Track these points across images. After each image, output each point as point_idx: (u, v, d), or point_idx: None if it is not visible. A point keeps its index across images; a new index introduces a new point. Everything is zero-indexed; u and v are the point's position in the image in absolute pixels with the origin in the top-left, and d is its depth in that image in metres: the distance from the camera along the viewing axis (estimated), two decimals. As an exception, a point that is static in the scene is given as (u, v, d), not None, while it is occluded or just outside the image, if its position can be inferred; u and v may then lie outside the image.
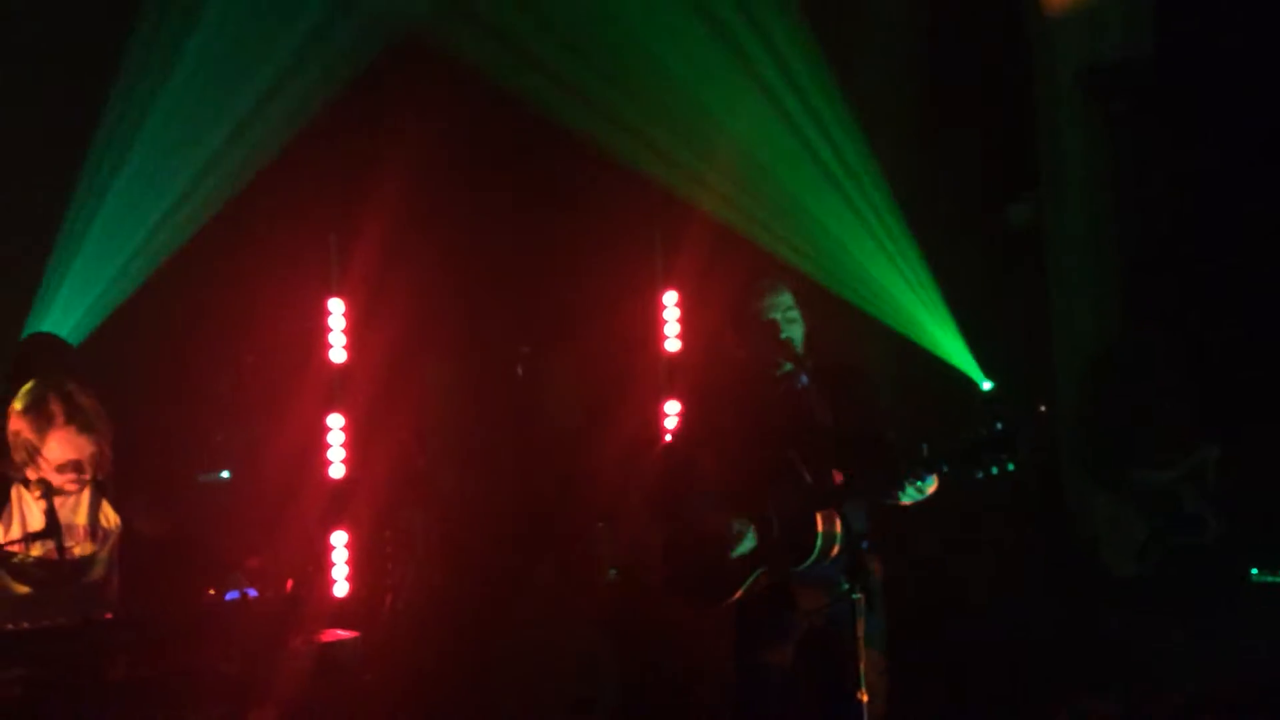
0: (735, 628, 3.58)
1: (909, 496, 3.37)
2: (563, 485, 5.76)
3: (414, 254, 5.61)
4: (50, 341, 4.71)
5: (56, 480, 3.47)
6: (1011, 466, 3.14)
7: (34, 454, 3.46)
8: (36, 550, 3.45)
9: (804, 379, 3.49)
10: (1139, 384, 4.10)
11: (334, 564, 5.27)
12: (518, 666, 5.00)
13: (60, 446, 3.46)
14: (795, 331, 3.56)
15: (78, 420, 3.47)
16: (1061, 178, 5.79)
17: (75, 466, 3.48)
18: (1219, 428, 4.34)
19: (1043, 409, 5.56)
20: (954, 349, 5.06)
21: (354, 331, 5.49)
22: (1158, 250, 5.14)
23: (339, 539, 5.30)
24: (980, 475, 3.18)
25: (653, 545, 3.71)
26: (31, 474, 3.47)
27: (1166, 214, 5.28)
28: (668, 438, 4.09)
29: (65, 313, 4.93)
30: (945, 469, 3.26)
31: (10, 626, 3.01)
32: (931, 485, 3.32)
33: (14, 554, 3.43)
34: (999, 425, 3.14)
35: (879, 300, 5.10)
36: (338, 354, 5.45)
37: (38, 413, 3.46)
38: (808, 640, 3.51)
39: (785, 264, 3.67)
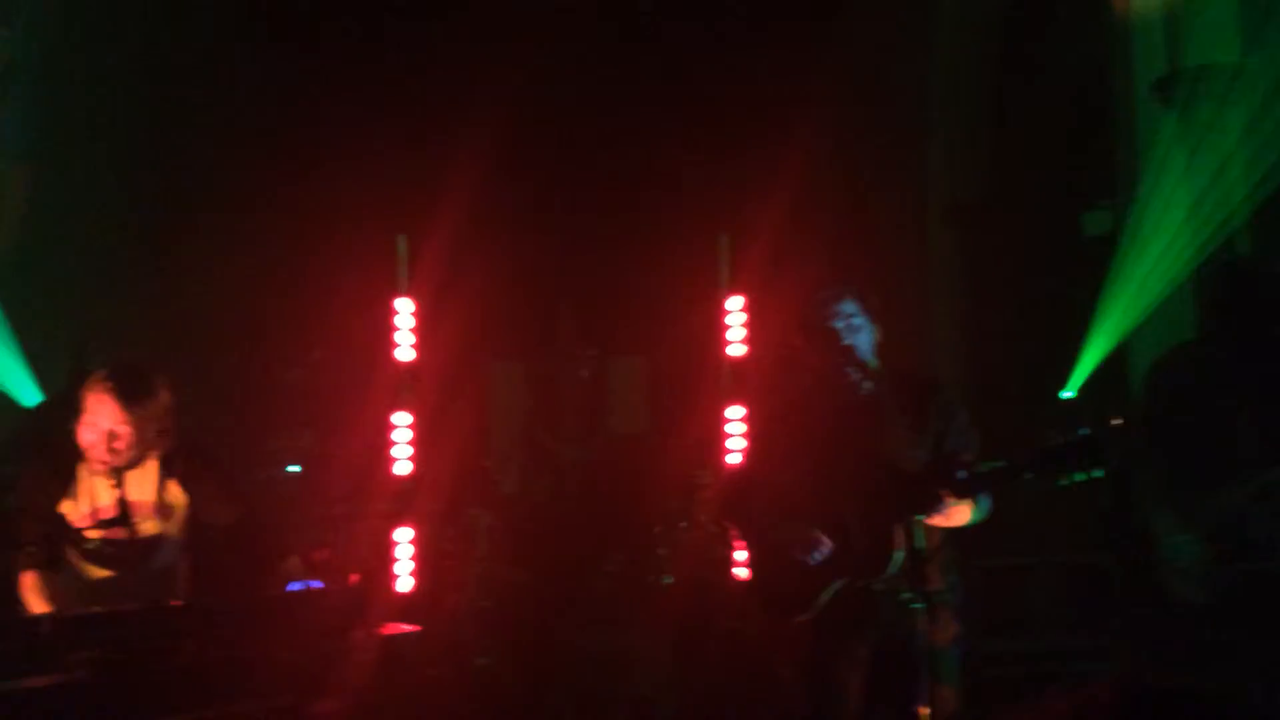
0: (808, 640, 3.52)
1: (976, 515, 3.32)
2: (625, 488, 5.76)
3: (481, 256, 5.66)
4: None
5: (90, 446, 3.48)
6: (1099, 473, 3.05)
7: (79, 408, 3.50)
8: (106, 525, 3.52)
9: (869, 385, 3.44)
10: (1204, 396, 3.90)
11: (398, 559, 5.32)
12: (578, 667, 5.00)
13: (96, 407, 3.47)
14: (861, 339, 3.51)
15: (122, 396, 3.48)
16: (1138, 185, 5.67)
17: (111, 436, 3.47)
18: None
19: (1116, 421, 5.43)
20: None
21: (421, 331, 5.55)
22: (1233, 259, 5.00)
23: (403, 535, 5.36)
24: (1065, 483, 3.10)
25: (718, 552, 3.68)
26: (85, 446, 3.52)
27: (1243, 223, 5.14)
28: (740, 446, 4.03)
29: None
30: (1030, 477, 3.18)
31: (81, 611, 3.08)
32: (975, 508, 3.28)
33: (86, 536, 3.50)
34: (1084, 430, 3.06)
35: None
36: (405, 353, 5.51)
37: (91, 379, 3.53)
38: (882, 656, 3.46)
39: (852, 269, 3.62)
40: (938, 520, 3.29)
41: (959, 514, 3.29)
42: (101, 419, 3.49)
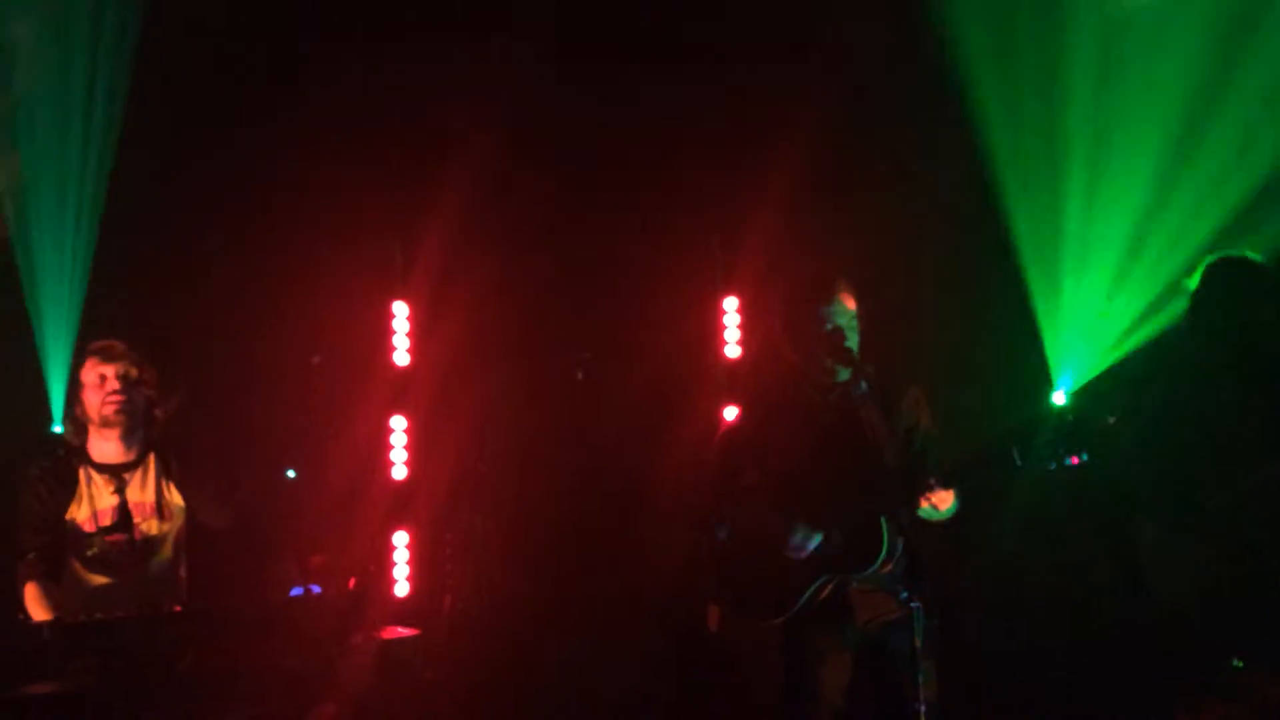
0: (787, 641, 3.53)
1: (948, 512, 3.36)
2: (621, 491, 5.77)
3: (477, 259, 5.66)
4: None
5: (95, 403, 3.60)
6: (1085, 456, 3.10)
7: (79, 393, 3.64)
8: (107, 526, 3.55)
9: (864, 385, 3.47)
10: (1195, 393, 3.89)
11: (395, 564, 5.33)
12: (575, 669, 5.02)
13: (105, 360, 3.66)
14: (854, 341, 3.54)
15: (128, 344, 3.70)
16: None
17: (125, 379, 3.65)
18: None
19: (1112, 420, 5.44)
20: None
21: (417, 335, 5.55)
22: (1226, 254, 5.01)
23: (400, 539, 5.37)
24: (1053, 466, 3.15)
25: (708, 553, 3.70)
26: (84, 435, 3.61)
27: (1234, 219, 5.14)
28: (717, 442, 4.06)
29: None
30: (1018, 460, 3.21)
31: (83, 618, 3.10)
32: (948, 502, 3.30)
33: (88, 539, 3.52)
34: (1068, 415, 3.12)
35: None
36: (401, 357, 5.52)
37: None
38: (864, 650, 3.48)
39: (845, 270, 3.63)
40: (924, 508, 3.33)
41: (944, 501, 3.33)
42: (111, 368, 3.64)
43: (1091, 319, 4.93)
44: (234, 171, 5.43)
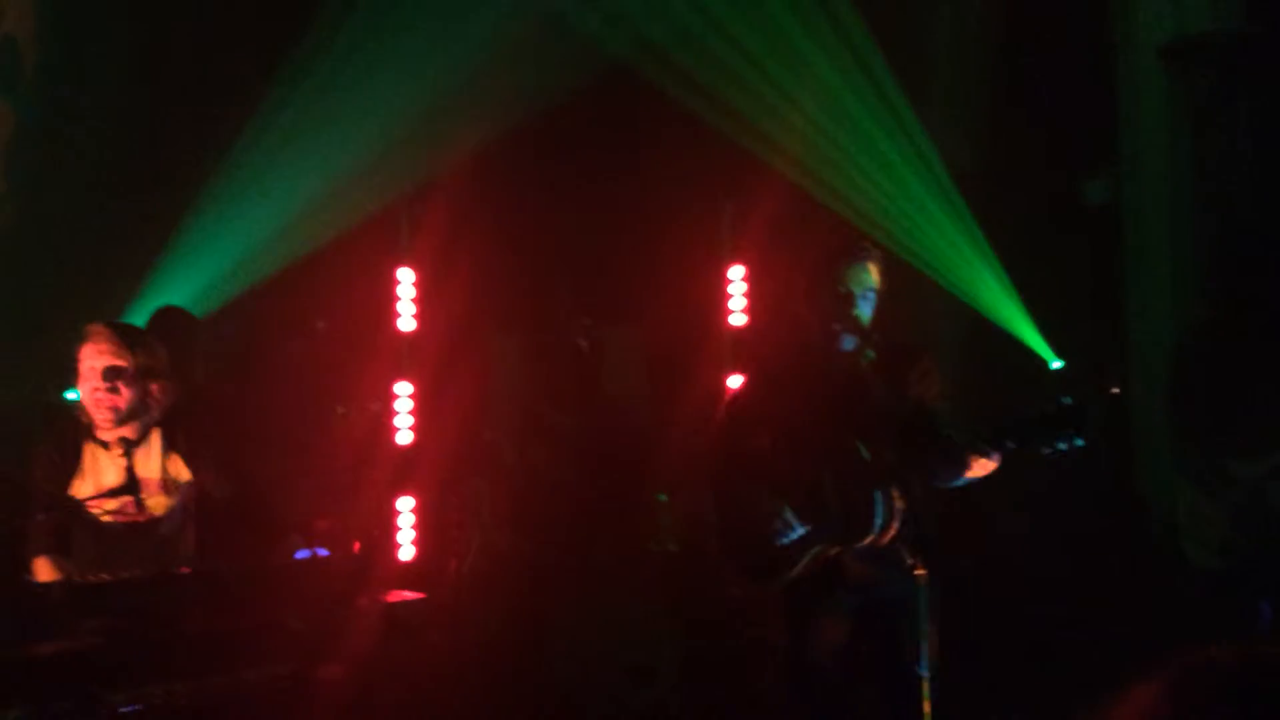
0: (786, 605, 3.55)
1: (962, 479, 3.33)
2: (625, 457, 5.78)
3: (483, 225, 5.65)
4: (173, 316, 4.83)
5: (85, 394, 3.51)
6: (1080, 442, 3.06)
7: (75, 367, 3.52)
8: (113, 505, 3.54)
9: (870, 354, 3.45)
10: (1229, 368, 3.90)
11: (400, 528, 5.36)
12: (578, 633, 5.05)
13: (94, 352, 3.51)
14: (866, 308, 3.51)
15: (116, 330, 3.55)
16: (1141, 155, 5.65)
17: (113, 373, 3.50)
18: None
19: (1115, 391, 5.44)
20: (1024, 327, 4.98)
21: (423, 301, 5.55)
22: (1242, 230, 4.99)
23: (405, 504, 5.39)
24: (1048, 452, 3.11)
25: (710, 519, 3.70)
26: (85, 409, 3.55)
27: (1251, 193, 5.12)
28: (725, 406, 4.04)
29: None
30: (1011, 446, 3.19)
31: (91, 578, 3.11)
32: (982, 464, 3.26)
33: (93, 509, 3.52)
34: (1066, 400, 3.07)
35: (950, 274, 5.04)
36: (406, 323, 5.51)
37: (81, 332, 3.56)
38: (863, 616, 3.49)
39: (867, 235, 3.60)
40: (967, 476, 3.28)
41: (985, 469, 3.26)
42: (100, 360, 3.49)
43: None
44: (240, 132, 5.42)
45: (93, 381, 3.50)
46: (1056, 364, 4.97)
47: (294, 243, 5.34)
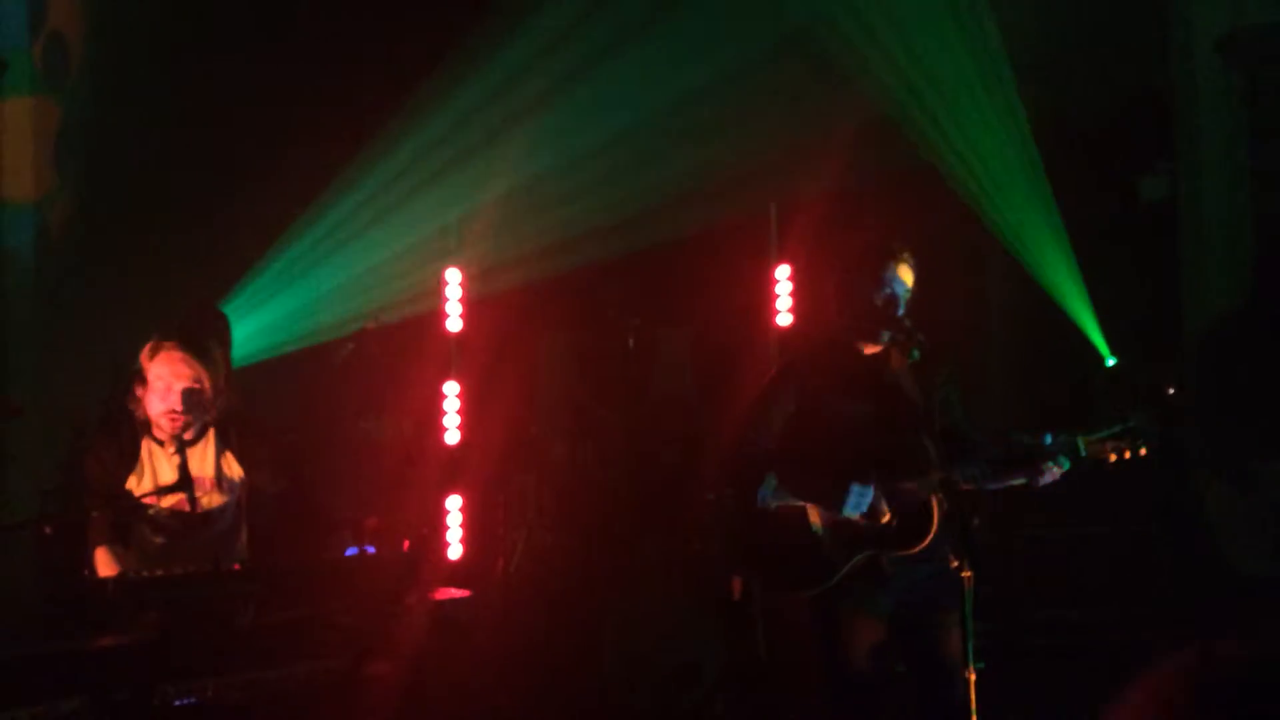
0: (820, 610, 3.51)
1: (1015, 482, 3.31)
2: (672, 456, 5.78)
3: (529, 226, 5.69)
4: (214, 313, 4.93)
5: (156, 407, 3.57)
6: (1145, 452, 3.06)
7: (142, 379, 3.58)
8: (169, 501, 3.62)
9: (915, 354, 3.42)
10: (1264, 364, 3.83)
11: (449, 527, 5.41)
12: (624, 631, 5.06)
13: (170, 373, 3.57)
14: (905, 307, 3.49)
15: (191, 348, 3.59)
16: (1198, 150, 5.55)
17: (190, 395, 3.56)
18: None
19: (1171, 391, 5.35)
20: (1086, 317, 4.93)
21: (470, 301, 5.60)
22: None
23: (454, 503, 5.43)
24: (1114, 461, 3.11)
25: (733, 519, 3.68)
26: (146, 410, 3.61)
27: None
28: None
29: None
30: (1079, 456, 3.18)
31: (146, 573, 3.18)
32: (1052, 474, 3.26)
33: (149, 506, 3.60)
34: (1130, 422, 3.08)
35: (1023, 246, 5.04)
36: (454, 323, 5.56)
37: (150, 344, 3.62)
38: (902, 616, 3.45)
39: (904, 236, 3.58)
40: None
41: (1053, 475, 3.28)
42: (178, 382, 3.57)
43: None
44: (277, 140, 5.51)
45: (170, 402, 3.58)
46: (1111, 361, 4.91)
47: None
